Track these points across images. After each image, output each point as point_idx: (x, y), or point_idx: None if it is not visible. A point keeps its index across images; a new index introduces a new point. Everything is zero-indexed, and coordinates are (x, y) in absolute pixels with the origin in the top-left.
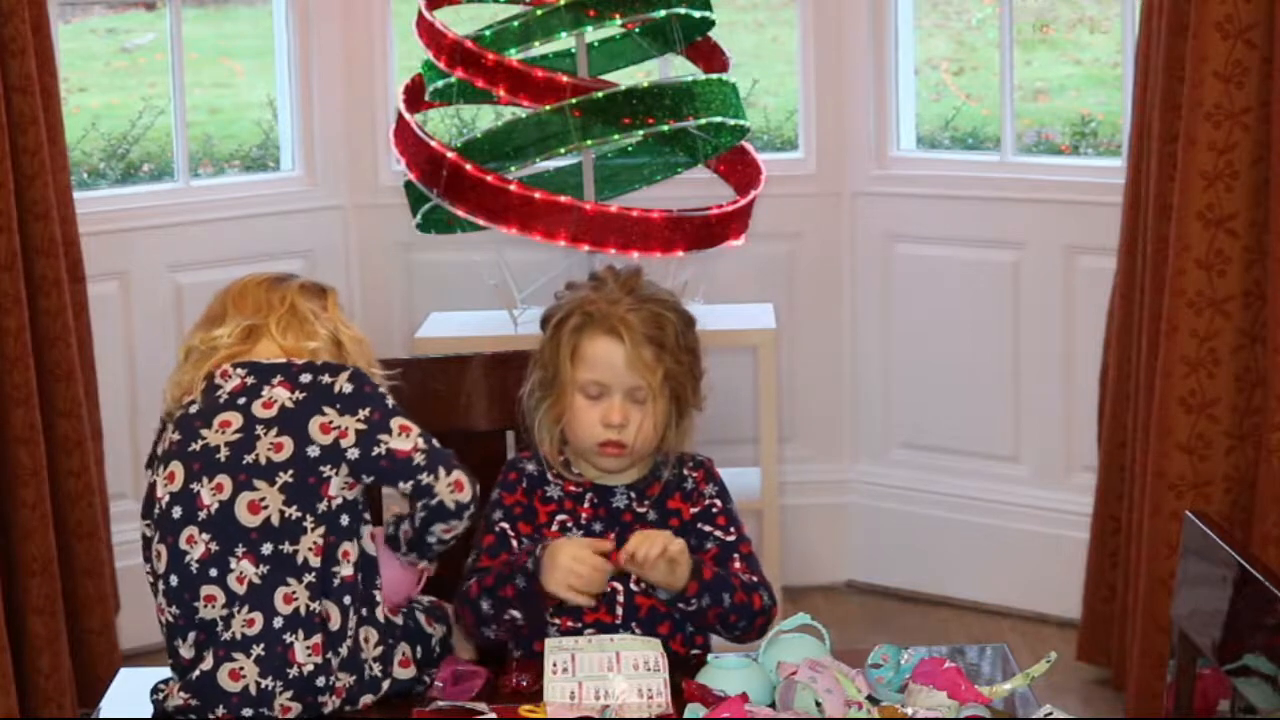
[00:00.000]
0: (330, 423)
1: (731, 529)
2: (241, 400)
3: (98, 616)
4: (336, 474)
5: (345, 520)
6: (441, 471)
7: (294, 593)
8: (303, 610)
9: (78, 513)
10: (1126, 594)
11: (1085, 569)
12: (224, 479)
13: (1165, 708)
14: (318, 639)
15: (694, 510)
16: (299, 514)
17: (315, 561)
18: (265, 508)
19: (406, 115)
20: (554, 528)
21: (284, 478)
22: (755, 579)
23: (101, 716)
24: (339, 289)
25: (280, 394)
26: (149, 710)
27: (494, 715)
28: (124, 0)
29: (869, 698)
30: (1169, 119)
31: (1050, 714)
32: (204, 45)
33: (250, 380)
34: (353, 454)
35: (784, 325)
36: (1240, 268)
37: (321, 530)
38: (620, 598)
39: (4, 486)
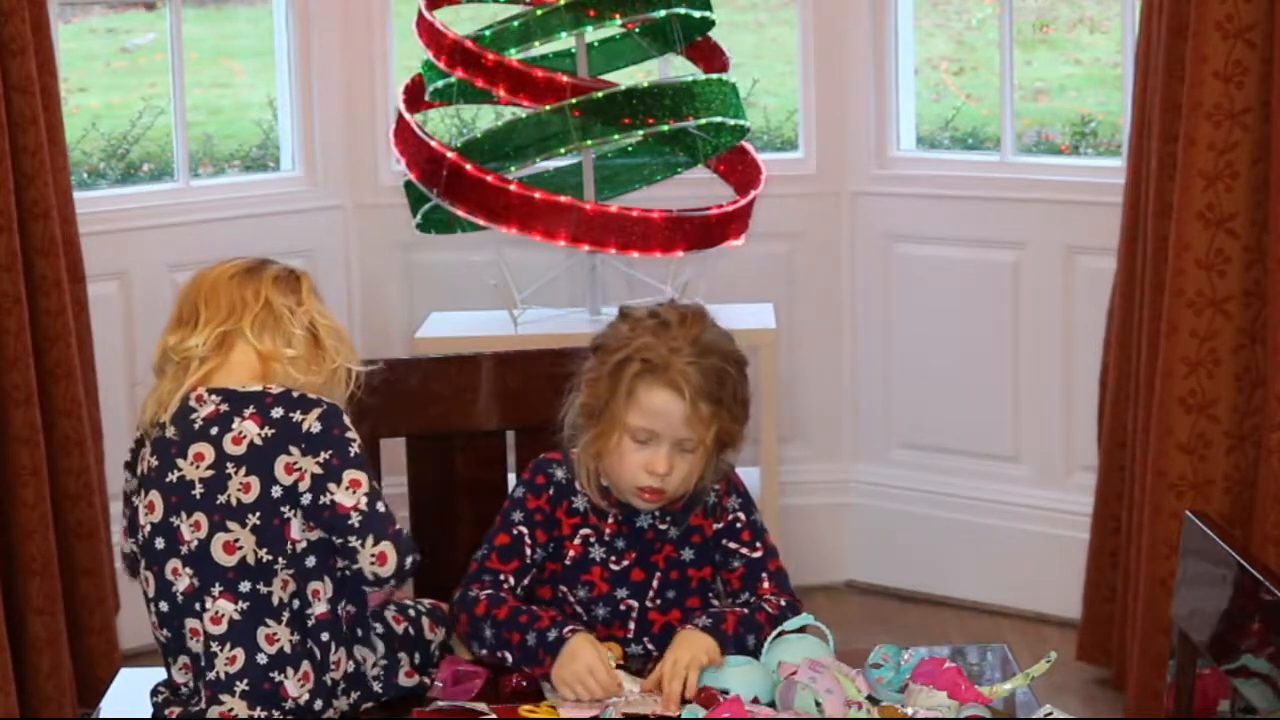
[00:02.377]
0: (294, 463)
1: (758, 544)
2: (214, 430)
3: (98, 616)
4: (295, 517)
5: (312, 562)
6: (370, 540)
7: (275, 633)
8: (287, 648)
9: (78, 513)
10: (1126, 594)
11: (1085, 569)
12: (200, 517)
13: (1165, 708)
14: (307, 667)
15: (717, 526)
16: (269, 556)
17: (289, 600)
18: (240, 548)
19: (406, 115)
20: (576, 540)
21: (253, 520)
22: (784, 602)
23: (101, 716)
24: (339, 289)
25: (250, 429)
26: (149, 710)
27: (494, 715)
28: (124, 0)
29: (869, 698)
30: (1169, 119)
31: (1050, 714)
32: (204, 45)
33: (224, 408)
34: (305, 499)
35: (784, 325)
36: (1240, 268)
37: (290, 573)
38: (634, 614)
39: (4, 486)
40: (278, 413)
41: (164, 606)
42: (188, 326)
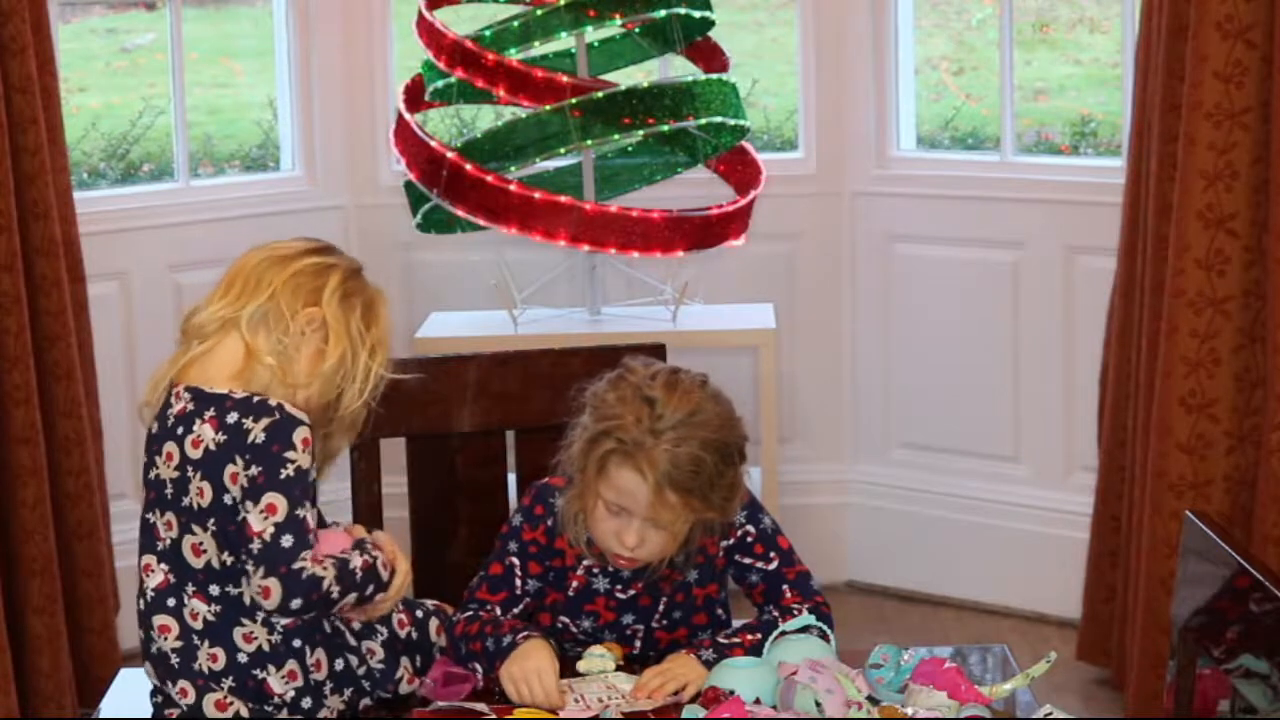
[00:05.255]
0: (237, 474)
1: (772, 554)
2: (180, 430)
3: (98, 616)
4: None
5: None
6: (262, 570)
7: (252, 632)
8: (265, 646)
9: (78, 513)
10: (1126, 594)
11: (1085, 569)
12: (171, 517)
13: (1165, 708)
14: (292, 665)
15: (725, 543)
16: (232, 559)
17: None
18: (205, 551)
19: (406, 115)
20: (580, 571)
21: (212, 525)
22: (805, 610)
23: (101, 716)
24: None
25: (206, 433)
26: (149, 710)
27: (494, 715)
28: (124, 0)
29: (869, 698)
30: (1169, 119)
31: (1050, 714)
32: (204, 45)
33: (190, 408)
34: (228, 499)
35: (784, 325)
36: (1240, 268)
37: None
38: (640, 635)
39: (4, 486)
40: (232, 418)
41: (141, 604)
42: (213, 298)
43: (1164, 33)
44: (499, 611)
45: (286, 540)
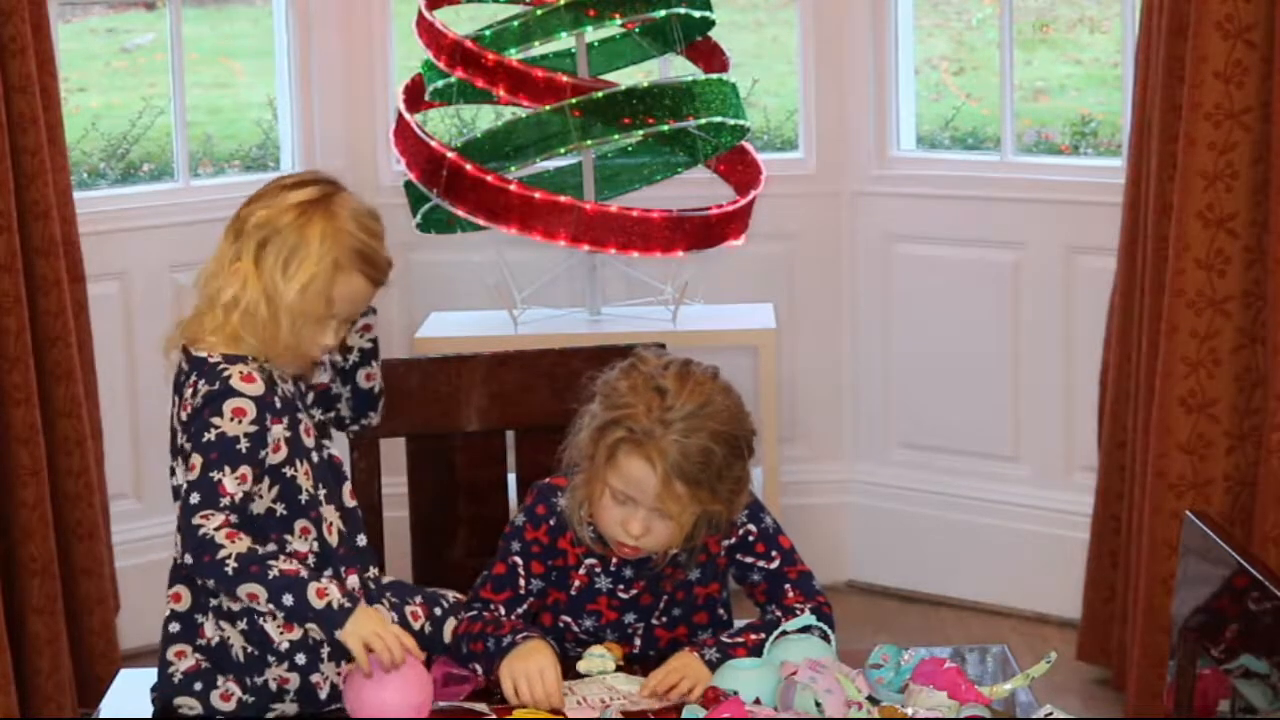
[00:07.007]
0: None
1: (774, 553)
2: (181, 389)
3: (98, 616)
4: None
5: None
6: (177, 521)
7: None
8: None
9: (78, 513)
10: (1126, 594)
11: (1085, 569)
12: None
13: (1165, 708)
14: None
15: (726, 542)
16: None
17: None
18: None
19: (406, 115)
20: (582, 570)
21: None
22: (808, 609)
23: (101, 716)
24: None
25: (188, 396)
26: (149, 710)
27: (494, 716)
28: (124, 0)
29: (869, 698)
30: (1169, 119)
31: (1050, 714)
32: (204, 45)
33: (185, 369)
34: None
35: (784, 325)
36: (1240, 268)
37: None
38: (640, 633)
39: (4, 486)
40: (202, 385)
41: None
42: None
43: (1164, 33)
44: (503, 611)
45: (194, 497)
